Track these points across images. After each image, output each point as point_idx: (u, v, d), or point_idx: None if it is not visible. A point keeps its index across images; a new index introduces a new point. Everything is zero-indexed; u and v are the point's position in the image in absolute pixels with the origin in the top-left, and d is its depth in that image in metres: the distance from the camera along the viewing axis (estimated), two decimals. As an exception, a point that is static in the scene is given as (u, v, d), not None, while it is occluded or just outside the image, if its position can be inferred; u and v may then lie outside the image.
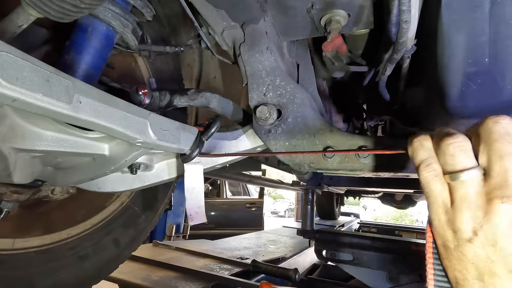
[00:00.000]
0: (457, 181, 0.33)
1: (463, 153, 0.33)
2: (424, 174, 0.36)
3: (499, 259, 0.30)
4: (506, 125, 0.31)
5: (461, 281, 0.33)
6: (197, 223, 0.71)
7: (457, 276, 0.33)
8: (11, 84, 0.35)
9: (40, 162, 0.62)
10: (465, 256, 0.32)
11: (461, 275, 0.33)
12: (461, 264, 0.32)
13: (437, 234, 0.35)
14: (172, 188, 1.25)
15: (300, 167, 0.73)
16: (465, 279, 0.32)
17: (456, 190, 0.33)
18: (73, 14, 0.51)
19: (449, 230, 0.33)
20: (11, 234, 0.77)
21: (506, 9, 0.59)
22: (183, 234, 4.29)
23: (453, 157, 0.34)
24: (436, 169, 0.35)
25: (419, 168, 0.37)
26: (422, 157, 0.37)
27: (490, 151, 0.31)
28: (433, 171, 0.35)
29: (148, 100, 0.73)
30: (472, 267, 0.32)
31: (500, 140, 0.31)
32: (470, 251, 0.31)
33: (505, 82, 0.61)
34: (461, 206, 0.32)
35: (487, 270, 0.30)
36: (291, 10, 0.76)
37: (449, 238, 0.33)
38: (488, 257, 0.30)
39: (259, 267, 2.06)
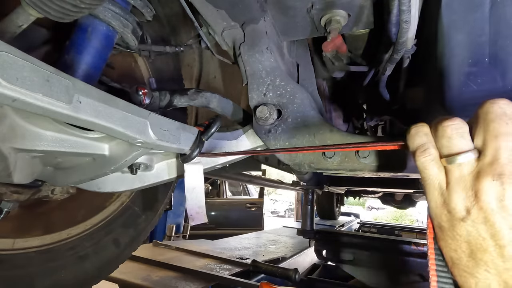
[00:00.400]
0: (454, 164, 0.33)
1: (460, 136, 0.34)
2: (421, 159, 0.36)
3: (489, 236, 0.31)
4: (503, 105, 0.32)
5: (456, 260, 0.34)
6: (198, 223, 0.71)
7: (452, 256, 0.34)
8: (11, 84, 0.35)
9: (40, 162, 0.62)
10: (458, 235, 0.33)
11: (455, 254, 0.34)
12: (455, 243, 0.33)
13: (433, 216, 0.36)
14: (172, 188, 1.25)
15: (300, 167, 0.73)
16: (459, 257, 0.33)
17: (451, 172, 0.34)
18: (73, 14, 0.51)
19: (444, 211, 0.34)
20: (11, 234, 0.77)
21: (506, 9, 0.59)
22: (183, 234, 4.29)
23: (450, 139, 0.34)
24: (432, 153, 0.36)
25: (416, 154, 0.37)
26: (419, 143, 0.37)
27: (486, 132, 0.32)
28: (429, 155, 0.36)
29: (148, 100, 0.73)
30: (465, 245, 0.32)
31: (497, 120, 0.31)
32: (463, 230, 0.32)
33: (505, 82, 0.61)
34: (455, 187, 0.33)
35: (479, 247, 0.31)
36: (291, 10, 0.76)
37: (444, 219, 0.34)
38: (479, 234, 0.31)
39: (259, 267, 2.06)
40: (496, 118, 0.31)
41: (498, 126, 0.31)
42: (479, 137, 0.33)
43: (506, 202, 0.29)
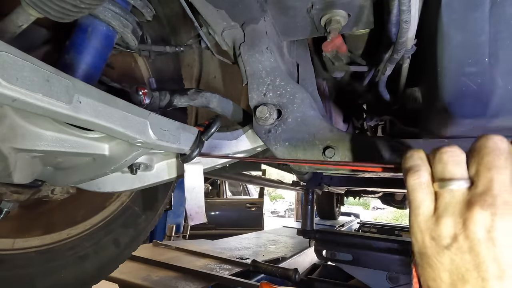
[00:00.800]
0: (445, 189, 0.33)
1: (456, 163, 0.34)
2: (411, 180, 0.36)
3: (473, 267, 0.30)
4: (497, 141, 0.32)
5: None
6: (197, 223, 0.71)
7: (430, 285, 0.33)
8: (11, 84, 0.35)
9: (40, 162, 0.62)
10: (440, 263, 0.32)
11: (434, 284, 0.33)
12: (435, 272, 0.32)
13: (415, 241, 0.35)
14: (172, 188, 1.25)
15: (300, 167, 0.73)
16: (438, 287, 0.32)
17: (441, 197, 0.33)
18: (73, 14, 0.51)
19: (427, 237, 0.33)
20: (11, 234, 0.77)
21: (506, 9, 0.59)
22: (183, 234, 4.29)
23: (445, 165, 0.34)
24: (423, 176, 0.35)
25: (407, 175, 0.37)
26: (412, 164, 0.37)
27: (480, 164, 0.32)
28: (419, 178, 0.35)
29: (148, 100, 0.73)
30: (446, 275, 0.31)
31: (491, 154, 0.32)
32: (446, 258, 0.31)
33: (505, 82, 0.61)
34: (443, 213, 0.32)
35: (461, 278, 0.30)
36: (291, 10, 0.76)
37: (427, 245, 0.33)
38: (463, 265, 0.30)
39: (259, 267, 2.06)
40: (491, 153, 0.32)
41: (491, 160, 0.31)
42: (473, 168, 0.33)
43: (494, 233, 0.29)
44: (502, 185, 0.30)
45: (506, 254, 0.29)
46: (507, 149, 0.32)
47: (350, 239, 2.26)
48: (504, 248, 0.29)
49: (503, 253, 0.29)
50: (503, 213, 0.29)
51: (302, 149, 0.70)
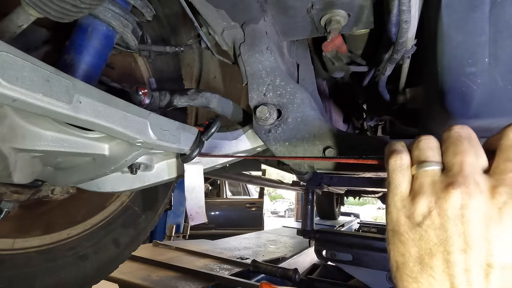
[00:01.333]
0: (420, 171, 0.36)
1: (430, 149, 0.37)
2: (391, 161, 0.38)
3: (440, 241, 0.32)
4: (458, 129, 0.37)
5: (401, 264, 0.35)
6: (197, 223, 0.71)
7: (398, 260, 0.35)
8: (11, 84, 0.35)
9: (40, 162, 0.62)
10: (411, 239, 0.34)
11: (402, 259, 0.35)
12: (405, 247, 0.34)
13: (389, 220, 0.37)
14: (172, 188, 1.25)
15: (300, 167, 0.73)
16: (405, 262, 0.34)
17: (417, 179, 0.36)
18: (73, 14, 0.51)
19: (402, 216, 0.36)
20: (11, 234, 0.77)
21: (506, 9, 0.59)
22: (183, 234, 4.29)
23: (421, 151, 0.37)
24: (403, 158, 0.38)
25: (388, 158, 0.39)
26: (393, 148, 0.40)
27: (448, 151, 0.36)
28: (400, 160, 0.38)
29: (148, 100, 0.73)
30: (414, 250, 0.34)
31: (454, 141, 0.36)
32: (417, 234, 0.34)
33: (505, 82, 0.61)
34: (418, 193, 0.35)
35: (428, 252, 0.32)
36: (291, 10, 0.76)
37: (400, 223, 0.35)
38: (431, 240, 0.32)
39: (259, 267, 2.06)
40: (454, 140, 0.36)
41: (456, 146, 0.35)
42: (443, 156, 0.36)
43: (463, 210, 0.31)
44: (471, 167, 0.33)
45: (472, 229, 0.31)
46: (468, 134, 0.36)
47: (350, 239, 2.26)
48: (471, 224, 0.31)
49: (469, 229, 0.31)
50: (473, 191, 0.31)
51: (302, 149, 0.70)
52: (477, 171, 0.33)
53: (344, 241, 2.27)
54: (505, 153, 0.33)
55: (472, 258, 0.30)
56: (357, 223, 5.74)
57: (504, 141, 0.33)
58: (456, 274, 0.31)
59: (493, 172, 0.33)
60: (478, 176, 0.32)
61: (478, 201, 0.31)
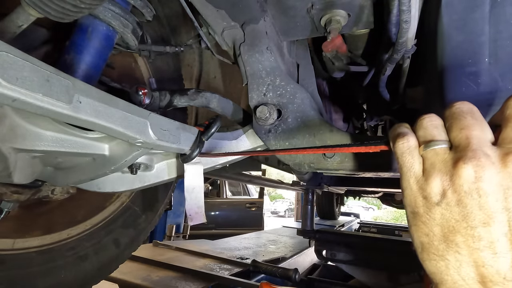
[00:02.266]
0: (428, 150, 0.36)
1: (434, 127, 0.37)
2: (399, 144, 0.38)
3: (461, 218, 0.32)
4: (459, 105, 0.37)
5: (426, 244, 0.35)
6: (197, 223, 0.71)
7: (423, 240, 0.35)
8: (11, 84, 0.35)
9: (40, 162, 0.62)
10: (432, 218, 0.34)
11: (426, 239, 0.35)
12: (427, 227, 0.35)
13: (407, 202, 0.37)
14: (172, 188, 1.25)
15: (300, 167, 0.73)
16: (430, 241, 0.34)
17: (427, 159, 0.36)
18: (73, 14, 0.51)
19: (419, 197, 0.36)
20: (11, 234, 0.77)
21: (506, 9, 0.59)
22: (183, 234, 4.29)
23: (425, 129, 0.37)
24: (410, 140, 0.38)
25: (395, 141, 0.39)
26: (399, 131, 0.40)
27: (452, 128, 0.36)
28: (407, 141, 0.38)
29: (148, 100, 0.73)
30: (437, 228, 0.34)
31: (458, 117, 0.36)
32: (437, 213, 0.34)
33: (505, 82, 0.61)
34: (431, 173, 0.35)
35: (451, 229, 0.33)
36: (291, 10, 0.76)
37: (419, 204, 0.35)
38: (452, 217, 0.32)
39: (259, 267, 2.06)
40: (457, 116, 0.36)
41: (460, 121, 0.35)
42: (449, 133, 0.36)
43: (478, 184, 0.31)
44: (478, 140, 0.33)
45: (491, 201, 0.31)
46: (470, 109, 0.36)
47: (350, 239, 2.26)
48: (489, 196, 0.31)
49: (487, 201, 0.31)
50: (484, 163, 0.31)
51: (302, 149, 0.70)
52: (485, 143, 0.33)
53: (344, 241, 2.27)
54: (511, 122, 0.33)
55: (495, 230, 0.30)
56: (357, 223, 5.74)
57: (509, 112, 0.34)
58: (482, 248, 0.31)
59: (501, 142, 0.33)
60: (486, 148, 0.32)
61: (491, 172, 0.31)
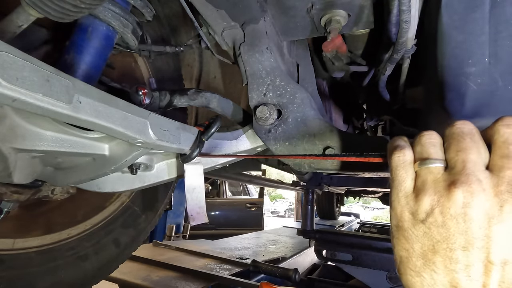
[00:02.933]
0: (423, 168, 0.36)
1: (432, 145, 0.37)
2: (394, 157, 0.39)
3: (443, 239, 0.33)
4: (460, 125, 0.37)
5: (404, 258, 0.36)
6: (198, 223, 0.71)
7: (402, 254, 0.36)
8: (11, 84, 0.35)
9: (40, 162, 0.62)
10: (415, 235, 0.35)
11: (406, 254, 0.36)
12: (408, 243, 0.35)
13: (393, 215, 0.38)
14: (172, 188, 1.25)
15: (300, 167, 0.73)
16: (409, 257, 0.35)
17: (420, 176, 0.37)
18: (73, 14, 0.51)
19: (406, 212, 0.36)
20: (11, 234, 0.77)
21: (506, 9, 0.59)
22: (183, 234, 4.29)
23: (423, 146, 0.38)
24: (406, 154, 0.38)
25: (391, 153, 0.39)
26: (396, 144, 0.40)
27: (450, 148, 0.36)
28: (403, 156, 0.38)
29: (148, 100, 0.73)
30: (418, 245, 0.34)
31: (457, 138, 0.36)
32: (420, 231, 0.34)
33: (505, 82, 0.61)
34: (421, 190, 0.35)
35: (431, 249, 0.33)
36: (291, 10, 0.76)
37: (404, 219, 0.36)
38: (434, 237, 0.33)
39: (259, 267, 2.06)
40: (456, 137, 0.36)
41: (458, 143, 0.35)
42: (446, 153, 0.37)
43: (465, 209, 0.32)
44: (474, 164, 0.33)
45: (474, 227, 0.31)
46: (471, 130, 0.36)
47: (350, 239, 2.25)
48: (473, 222, 0.31)
49: (471, 227, 0.31)
50: (475, 190, 0.32)
51: (302, 149, 0.70)
52: (480, 168, 0.33)
53: (344, 241, 2.27)
54: (499, 150, 0.33)
55: (473, 255, 0.31)
56: (357, 223, 5.73)
57: (497, 137, 0.34)
58: (458, 270, 0.32)
59: (492, 168, 0.33)
60: (480, 174, 0.33)
61: (480, 199, 0.31)
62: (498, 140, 0.34)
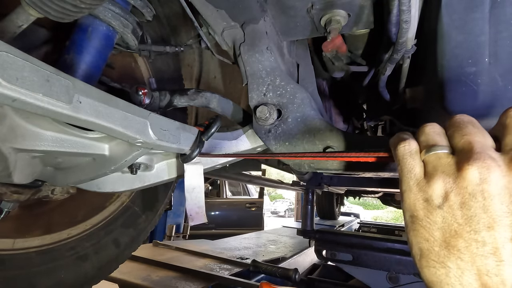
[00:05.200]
0: (430, 154, 0.36)
1: (437, 134, 0.38)
2: (399, 147, 0.39)
3: (464, 221, 0.31)
4: (460, 116, 0.38)
5: (425, 250, 0.33)
6: (197, 223, 0.71)
7: (423, 246, 0.33)
8: (11, 84, 0.35)
9: (40, 162, 0.62)
10: (433, 222, 0.33)
11: (426, 244, 0.33)
12: (428, 232, 0.33)
13: (406, 206, 0.36)
14: (172, 188, 1.25)
15: (300, 167, 0.73)
16: (430, 247, 0.33)
17: (429, 162, 0.36)
18: (73, 14, 0.51)
19: (420, 200, 0.35)
20: (11, 234, 0.77)
21: (506, 9, 0.59)
22: (183, 234, 4.29)
23: (428, 135, 0.38)
24: (411, 144, 0.38)
25: (396, 146, 0.39)
26: (400, 136, 0.40)
27: (454, 135, 0.36)
28: (408, 145, 0.38)
29: (148, 100, 0.73)
30: (438, 233, 0.32)
31: (459, 126, 0.36)
32: (439, 217, 0.32)
33: (505, 82, 0.61)
34: (433, 175, 0.34)
35: (453, 233, 0.31)
36: (291, 10, 0.76)
37: (420, 207, 0.34)
38: (455, 220, 0.31)
39: (259, 267, 2.06)
40: (459, 125, 0.36)
41: (462, 129, 0.35)
42: (451, 140, 0.37)
43: (483, 186, 0.30)
44: (481, 144, 0.33)
45: (496, 203, 0.30)
46: (471, 119, 0.37)
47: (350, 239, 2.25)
48: (494, 198, 0.30)
49: (493, 204, 0.30)
50: (490, 165, 0.30)
51: (302, 149, 0.70)
52: (489, 148, 0.33)
53: (344, 241, 2.27)
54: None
55: (500, 234, 0.29)
56: (357, 223, 5.73)
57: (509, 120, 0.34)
58: (486, 254, 0.29)
59: (504, 148, 0.33)
60: (491, 152, 0.32)
61: (497, 174, 0.30)
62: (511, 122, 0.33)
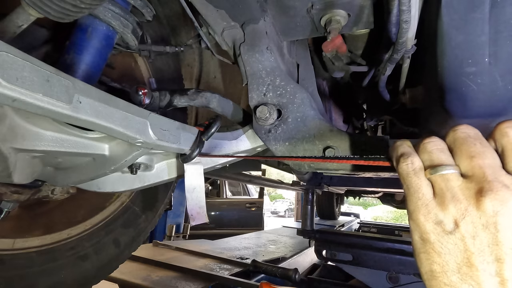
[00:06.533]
0: (437, 175, 0.34)
1: (440, 151, 0.36)
2: (403, 166, 0.37)
3: (477, 251, 0.31)
4: (465, 130, 0.35)
5: (437, 273, 0.33)
6: (198, 223, 0.71)
7: (435, 269, 0.33)
8: (11, 84, 0.35)
9: (40, 162, 0.62)
10: (445, 247, 0.33)
11: (439, 268, 0.33)
12: (439, 256, 0.33)
13: (415, 227, 0.35)
14: (172, 188, 1.25)
15: (300, 167, 0.73)
16: (442, 271, 0.33)
17: (437, 183, 0.35)
18: (73, 14, 0.51)
19: (430, 223, 0.34)
20: (11, 234, 0.77)
21: (506, 9, 0.59)
22: (183, 234, 4.29)
23: (431, 153, 0.36)
24: (415, 161, 0.37)
25: (398, 162, 0.38)
26: (402, 151, 0.38)
27: (461, 154, 0.34)
28: (411, 163, 0.37)
29: (148, 100, 0.73)
30: (451, 259, 0.32)
31: (465, 144, 0.34)
32: (450, 243, 0.32)
33: (505, 82, 0.61)
34: (444, 198, 0.33)
35: (466, 262, 0.31)
36: (291, 10, 0.76)
37: (429, 230, 0.34)
38: (468, 249, 0.31)
39: (259, 267, 2.06)
40: (464, 142, 0.34)
41: (468, 148, 0.33)
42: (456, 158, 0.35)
43: (495, 218, 0.30)
44: (493, 170, 0.32)
45: (508, 236, 0.29)
46: (477, 135, 0.35)
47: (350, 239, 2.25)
48: (506, 231, 0.30)
49: (505, 236, 0.30)
50: (504, 197, 0.30)
51: (302, 149, 0.70)
52: (500, 172, 0.32)
53: (344, 241, 2.27)
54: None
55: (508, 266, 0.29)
56: (357, 223, 5.73)
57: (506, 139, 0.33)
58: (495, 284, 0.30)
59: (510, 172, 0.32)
60: (504, 178, 0.31)
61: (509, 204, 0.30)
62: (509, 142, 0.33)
